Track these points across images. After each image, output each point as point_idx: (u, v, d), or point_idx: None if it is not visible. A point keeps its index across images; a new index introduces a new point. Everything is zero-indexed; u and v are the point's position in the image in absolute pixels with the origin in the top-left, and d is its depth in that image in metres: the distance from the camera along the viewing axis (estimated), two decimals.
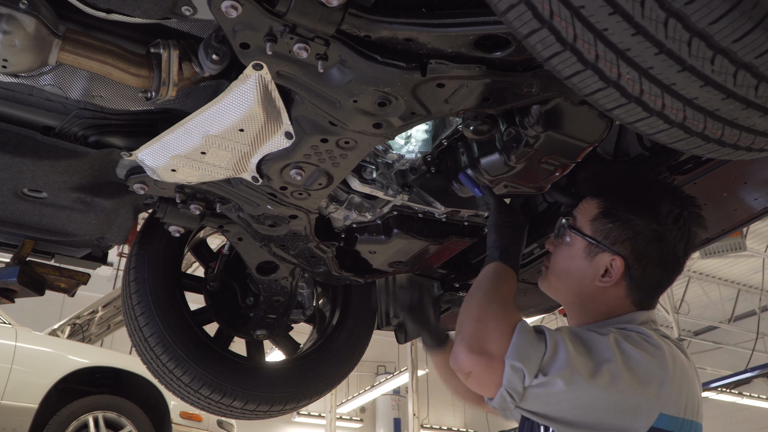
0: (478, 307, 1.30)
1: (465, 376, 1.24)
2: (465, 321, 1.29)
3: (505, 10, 0.88)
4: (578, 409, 1.19)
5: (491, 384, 1.21)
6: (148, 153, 1.67)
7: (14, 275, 2.13)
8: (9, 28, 1.25)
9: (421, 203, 1.91)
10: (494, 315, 1.26)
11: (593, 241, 1.40)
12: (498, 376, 1.20)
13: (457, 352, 1.25)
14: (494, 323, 1.25)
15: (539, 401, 1.20)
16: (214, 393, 2.18)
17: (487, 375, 1.21)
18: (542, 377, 1.18)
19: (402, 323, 2.58)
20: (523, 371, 1.18)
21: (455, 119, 1.64)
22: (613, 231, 1.39)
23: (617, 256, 1.38)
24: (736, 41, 0.81)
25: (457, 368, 1.25)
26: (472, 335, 1.24)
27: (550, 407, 1.20)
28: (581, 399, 1.18)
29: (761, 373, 10.51)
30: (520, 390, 1.19)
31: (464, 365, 1.23)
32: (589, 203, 1.46)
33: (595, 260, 1.40)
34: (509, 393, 1.19)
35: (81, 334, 7.57)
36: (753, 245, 10.61)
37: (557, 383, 1.17)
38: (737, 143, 1.01)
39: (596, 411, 1.19)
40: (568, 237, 1.46)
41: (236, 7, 1.15)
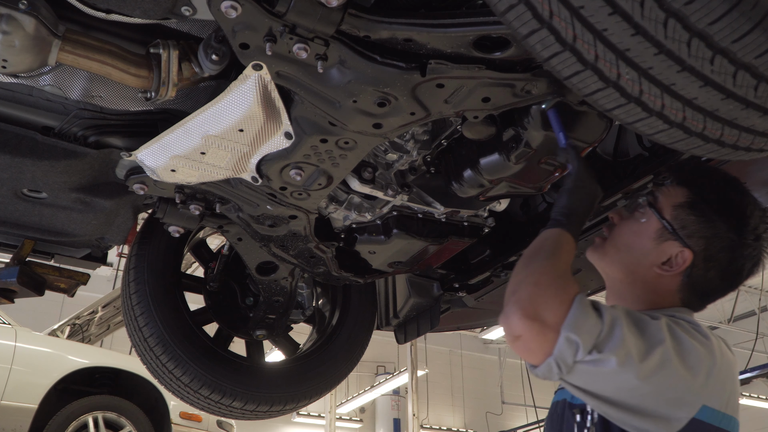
0: (538, 272, 1.22)
1: (513, 339, 1.18)
2: (521, 283, 1.21)
3: (505, 11, 0.88)
4: (624, 391, 1.17)
5: (539, 352, 1.16)
6: (148, 153, 1.66)
7: (14, 275, 2.13)
8: (9, 29, 1.25)
9: (420, 203, 1.91)
10: (554, 282, 1.20)
11: (669, 227, 1.35)
12: (549, 345, 1.15)
13: (509, 313, 1.18)
14: (553, 291, 1.19)
15: (586, 377, 1.16)
16: (214, 393, 2.18)
17: (538, 342, 1.16)
18: (596, 354, 1.14)
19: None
20: (578, 345, 1.14)
21: (455, 119, 1.64)
22: (693, 224, 1.34)
23: (687, 249, 1.33)
24: (736, 41, 0.81)
25: (507, 329, 1.19)
26: (528, 299, 1.18)
27: (596, 384, 1.17)
28: (630, 381, 1.15)
29: (761, 374, 10.50)
30: (570, 363, 1.15)
31: (515, 328, 1.17)
32: (675, 189, 1.39)
33: (663, 246, 1.35)
34: (558, 364, 1.15)
35: (81, 335, 7.56)
36: None
37: (611, 362, 1.14)
38: (737, 143, 1.01)
39: (642, 394, 1.16)
40: (644, 215, 1.40)
41: (236, 7, 1.15)
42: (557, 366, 1.16)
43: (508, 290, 1.22)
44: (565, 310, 1.16)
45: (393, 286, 2.74)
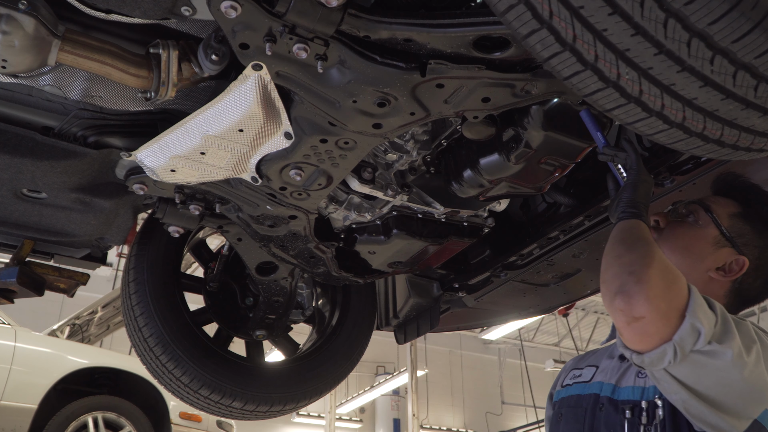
0: (649, 256, 1.19)
1: (631, 321, 1.15)
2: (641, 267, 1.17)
3: (505, 11, 0.88)
4: (721, 386, 1.17)
5: (657, 336, 1.15)
6: (148, 153, 1.66)
7: (13, 276, 2.13)
8: (8, 29, 1.25)
9: (420, 203, 1.91)
10: (671, 268, 1.19)
11: (727, 234, 1.40)
12: (670, 329, 1.14)
13: (633, 293, 1.14)
14: (673, 276, 1.17)
15: (694, 369, 1.16)
16: (214, 393, 2.18)
17: (660, 325, 1.14)
18: (716, 345, 1.14)
19: None
20: (700, 333, 1.13)
21: (455, 119, 1.64)
22: (748, 234, 1.41)
23: (743, 256, 1.39)
24: (736, 42, 0.81)
25: (626, 310, 1.15)
26: (654, 279, 1.15)
27: (698, 377, 1.16)
28: (733, 376, 1.15)
29: None
30: (687, 351, 1.14)
31: (639, 309, 1.14)
32: (726, 200, 1.45)
33: (720, 252, 1.39)
34: (675, 350, 1.14)
35: (80, 335, 7.56)
36: None
37: (726, 355, 1.14)
38: (736, 143, 1.01)
39: (735, 391, 1.17)
40: (699, 221, 1.44)
41: (236, 7, 1.15)
42: (673, 352, 1.14)
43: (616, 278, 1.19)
44: (686, 294, 1.16)
45: (393, 287, 2.74)
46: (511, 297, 2.54)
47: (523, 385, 12.69)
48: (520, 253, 2.28)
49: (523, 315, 2.87)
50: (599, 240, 2.13)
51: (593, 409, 1.36)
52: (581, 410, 1.39)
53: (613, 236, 1.29)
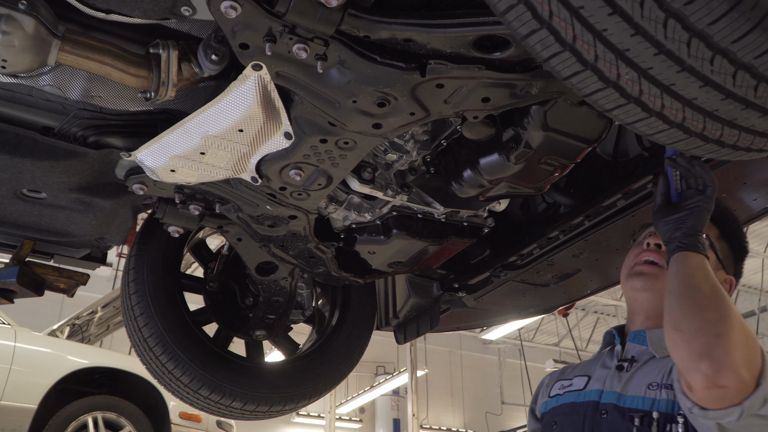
0: (735, 318, 1.20)
1: (713, 386, 1.17)
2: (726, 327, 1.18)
3: (505, 11, 0.88)
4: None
5: (730, 401, 1.17)
6: (148, 153, 1.66)
7: (13, 276, 2.13)
8: (8, 29, 1.25)
9: (420, 204, 1.91)
10: (750, 334, 1.21)
11: (720, 258, 1.45)
12: (743, 396, 1.16)
13: (720, 358, 1.16)
14: (754, 343, 1.20)
15: (746, 429, 1.19)
16: (214, 393, 2.18)
17: (737, 393, 1.16)
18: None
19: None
20: (766, 400, 1.16)
21: (455, 119, 1.64)
22: (729, 255, 1.48)
23: (731, 276, 1.46)
24: (736, 42, 0.81)
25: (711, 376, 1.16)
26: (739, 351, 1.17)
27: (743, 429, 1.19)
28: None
29: None
30: (750, 414, 1.17)
31: (725, 379, 1.15)
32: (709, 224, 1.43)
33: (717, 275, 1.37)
34: (741, 414, 1.16)
35: (80, 335, 7.56)
36: (752, 246, 10.62)
37: None
38: (736, 143, 1.01)
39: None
40: None
41: (235, 7, 1.15)
42: (739, 414, 1.16)
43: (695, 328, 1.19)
44: (761, 363, 1.19)
45: (393, 287, 2.74)
46: (511, 297, 2.54)
47: (523, 385, 12.69)
48: (520, 253, 2.28)
49: (523, 315, 2.87)
50: (599, 240, 2.13)
51: (593, 415, 1.38)
52: (578, 417, 1.40)
53: (684, 273, 1.26)
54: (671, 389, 1.32)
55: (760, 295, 12.43)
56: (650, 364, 1.41)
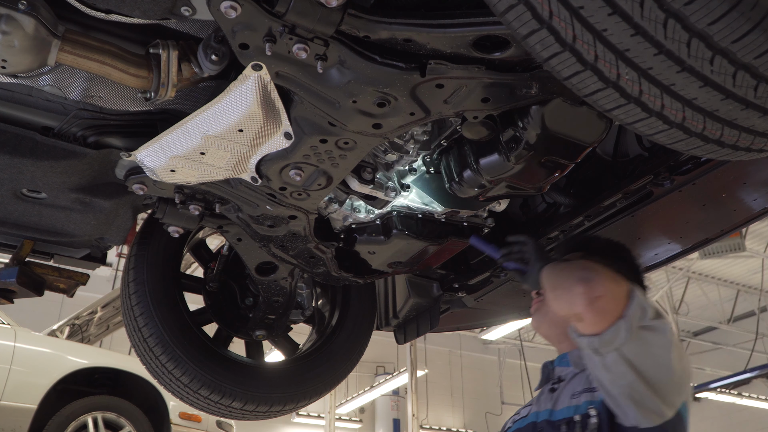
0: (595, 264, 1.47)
1: (592, 299, 1.38)
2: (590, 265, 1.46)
3: (505, 11, 0.88)
4: (659, 368, 1.38)
5: (614, 312, 1.36)
6: (147, 153, 1.66)
7: (13, 276, 2.13)
8: (8, 29, 1.25)
9: (420, 204, 1.91)
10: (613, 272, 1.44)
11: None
12: (622, 307, 1.36)
13: (591, 277, 1.40)
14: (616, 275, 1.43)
15: (640, 346, 1.37)
16: (214, 393, 2.18)
17: (615, 303, 1.37)
18: (657, 321, 1.38)
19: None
20: (645, 309, 1.37)
21: (454, 120, 1.64)
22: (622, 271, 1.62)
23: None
24: (736, 42, 0.81)
25: (586, 290, 1.38)
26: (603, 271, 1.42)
27: (642, 356, 1.37)
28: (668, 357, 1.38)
29: (760, 374, 10.52)
30: (636, 326, 1.36)
31: (597, 288, 1.38)
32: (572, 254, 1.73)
33: None
34: (626, 326, 1.35)
35: (80, 335, 7.56)
36: (752, 246, 10.61)
37: (665, 332, 1.38)
38: (736, 144, 1.01)
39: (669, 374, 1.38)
40: None
41: (235, 7, 1.15)
42: (625, 328, 1.35)
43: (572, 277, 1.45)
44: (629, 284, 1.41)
45: (393, 287, 2.74)
46: (511, 297, 2.54)
47: (522, 386, 12.68)
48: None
49: (523, 315, 2.87)
50: None
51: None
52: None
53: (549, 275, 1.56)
54: (590, 392, 1.51)
55: (760, 295, 12.42)
56: (574, 379, 1.60)
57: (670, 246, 2.24)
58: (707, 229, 2.14)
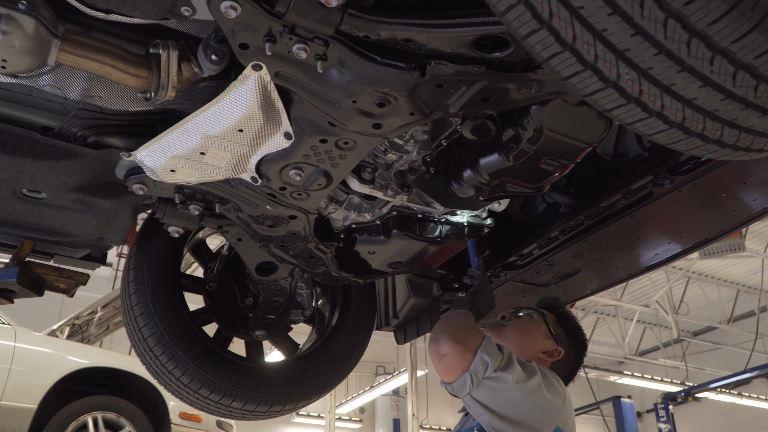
0: (459, 320, 1.76)
1: (439, 358, 1.67)
2: (447, 325, 1.73)
3: (505, 11, 0.88)
4: (512, 405, 1.64)
5: (458, 368, 1.65)
6: (148, 153, 1.66)
7: (13, 276, 2.13)
8: (8, 29, 1.25)
9: (420, 204, 1.91)
10: (471, 326, 1.75)
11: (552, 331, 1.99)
12: (467, 363, 1.64)
13: (440, 338, 1.68)
14: (473, 330, 1.73)
15: (488, 392, 1.64)
16: (214, 393, 2.18)
17: (459, 360, 1.64)
18: (500, 372, 1.63)
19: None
20: (488, 364, 1.63)
21: (454, 119, 1.64)
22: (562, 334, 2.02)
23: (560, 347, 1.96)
24: (736, 42, 0.81)
25: (435, 350, 1.69)
26: (455, 331, 1.69)
27: (493, 399, 1.64)
28: (518, 396, 1.64)
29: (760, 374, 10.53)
30: (480, 378, 1.63)
31: (444, 348, 1.66)
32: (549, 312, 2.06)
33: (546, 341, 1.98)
34: (471, 378, 1.63)
35: (80, 335, 7.56)
36: (752, 246, 10.62)
37: (508, 379, 1.63)
38: (736, 144, 1.01)
39: (523, 408, 1.65)
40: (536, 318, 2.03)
41: (235, 7, 1.15)
42: (471, 379, 1.63)
43: (433, 333, 1.73)
44: (480, 341, 1.67)
45: (393, 287, 2.74)
46: (511, 297, 2.54)
47: None
48: (520, 253, 2.28)
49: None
50: (599, 240, 2.13)
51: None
52: None
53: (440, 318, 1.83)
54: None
55: (760, 295, 12.43)
56: None
57: (670, 246, 2.24)
58: (707, 229, 2.14)
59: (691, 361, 13.96)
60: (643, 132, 1.01)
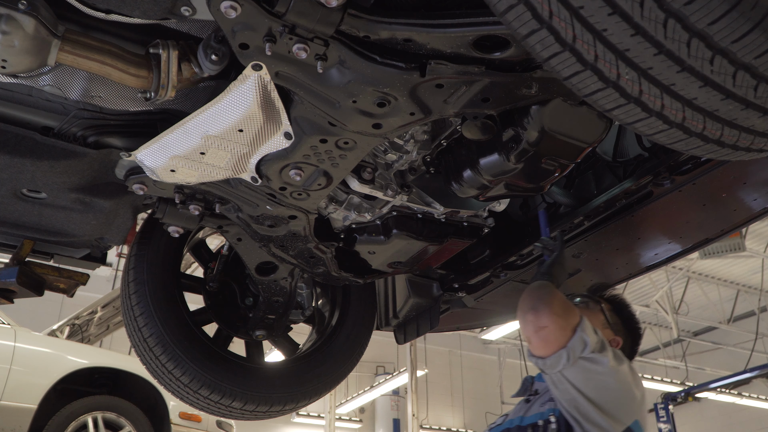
0: (556, 293, 1.70)
1: (537, 329, 1.64)
2: (545, 297, 1.67)
3: (505, 11, 0.88)
4: (602, 389, 1.61)
5: (555, 343, 1.62)
6: (147, 153, 1.66)
7: (13, 276, 2.13)
8: (8, 29, 1.25)
9: (420, 204, 1.91)
10: (570, 303, 1.70)
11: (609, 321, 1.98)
12: (565, 339, 1.61)
13: (540, 309, 1.64)
14: (571, 306, 1.69)
15: (581, 373, 1.61)
16: (214, 393, 2.18)
17: (558, 335, 1.61)
18: (597, 354, 1.60)
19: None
20: (586, 344, 1.60)
21: (454, 119, 1.64)
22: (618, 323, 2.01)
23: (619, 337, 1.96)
24: (736, 42, 0.81)
25: (534, 321, 1.64)
26: (555, 304, 1.64)
27: (584, 381, 1.60)
28: (610, 381, 1.60)
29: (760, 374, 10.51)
30: (576, 357, 1.60)
31: (544, 319, 1.63)
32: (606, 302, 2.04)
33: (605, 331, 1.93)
34: (568, 355, 1.60)
35: (80, 335, 7.56)
36: (752, 246, 10.61)
37: (605, 362, 1.61)
38: (736, 144, 1.01)
39: (612, 396, 1.61)
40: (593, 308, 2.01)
41: (235, 7, 1.15)
42: (567, 356, 1.60)
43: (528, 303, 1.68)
44: (578, 319, 1.64)
45: (393, 287, 2.74)
46: (511, 297, 2.54)
47: None
48: (520, 253, 2.28)
49: None
50: (599, 240, 2.13)
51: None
52: None
53: (527, 289, 1.78)
54: (553, 401, 1.72)
55: (760, 295, 12.42)
56: (547, 392, 1.80)
57: (670, 246, 2.24)
58: (707, 229, 2.14)
59: (691, 361, 13.96)
60: (643, 132, 1.01)
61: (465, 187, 1.72)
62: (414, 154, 1.75)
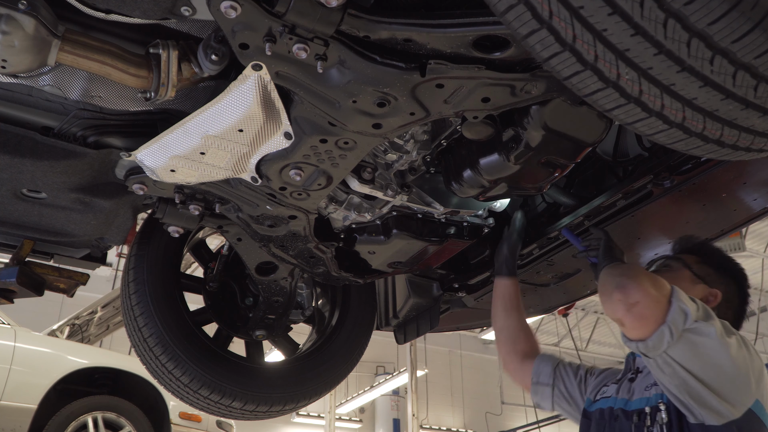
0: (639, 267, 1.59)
1: (628, 306, 1.42)
2: (627, 272, 1.50)
3: (505, 11, 0.88)
4: (713, 368, 1.40)
5: (653, 319, 1.40)
6: (147, 153, 1.66)
7: (13, 276, 2.13)
8: (8, 29, 1.25)
9: (420, 204, 1.91)
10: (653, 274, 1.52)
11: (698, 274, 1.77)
12: (662, 312, 1.40)
13: (625, 285, 1.44)
14: (657, 277, 1.49)
15: (687, 348, 1.40)
16: (214, 393, 2.18)
17: (653, 308, 1.40)
18: (701, 323, 1.40)
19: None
20: (687, 313, 1.39)
21: (454, 119, 1.64)
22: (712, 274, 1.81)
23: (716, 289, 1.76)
24: (736, 42, 0.81)
25: (622, 298, 1.44)
26: (641, 276, 1.45)
27: (691, 359, 1.40)
28: (722, 356, 1.40)
29: None
30: (680, 330, 1.39)
31: (634, 295, 1.42)
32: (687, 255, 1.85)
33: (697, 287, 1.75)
34: (671, 330, 1.38)
35: (80, 335, 7.56)
36: (752, 246, 10.61)
37: (711, 331, 1.39)
38: (736, 143, 1.01)
39: (725, 374, 1.40)
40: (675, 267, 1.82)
41: (235, 7, 1.15)
42: (669, 332, 1.39)
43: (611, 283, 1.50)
44: (669, 288, 1.45)
45: (393, 287, 2.74)
46: None
47: None
48: (520, 253, 2.28)
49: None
50: None
51: (610, 420, 1.65)
52: (603, 422, 1.68)
53: (601, 278, 1.62)
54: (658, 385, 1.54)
55: (760, 295, 12.42)
56: (650, 373, 1.61)
57: (670, 246, 2.24)
58: (707, 229, 2.14)
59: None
60: (643, 132, 1.01)
61: (465, 187, 1.72)
62: (414, 154, 1.75)
